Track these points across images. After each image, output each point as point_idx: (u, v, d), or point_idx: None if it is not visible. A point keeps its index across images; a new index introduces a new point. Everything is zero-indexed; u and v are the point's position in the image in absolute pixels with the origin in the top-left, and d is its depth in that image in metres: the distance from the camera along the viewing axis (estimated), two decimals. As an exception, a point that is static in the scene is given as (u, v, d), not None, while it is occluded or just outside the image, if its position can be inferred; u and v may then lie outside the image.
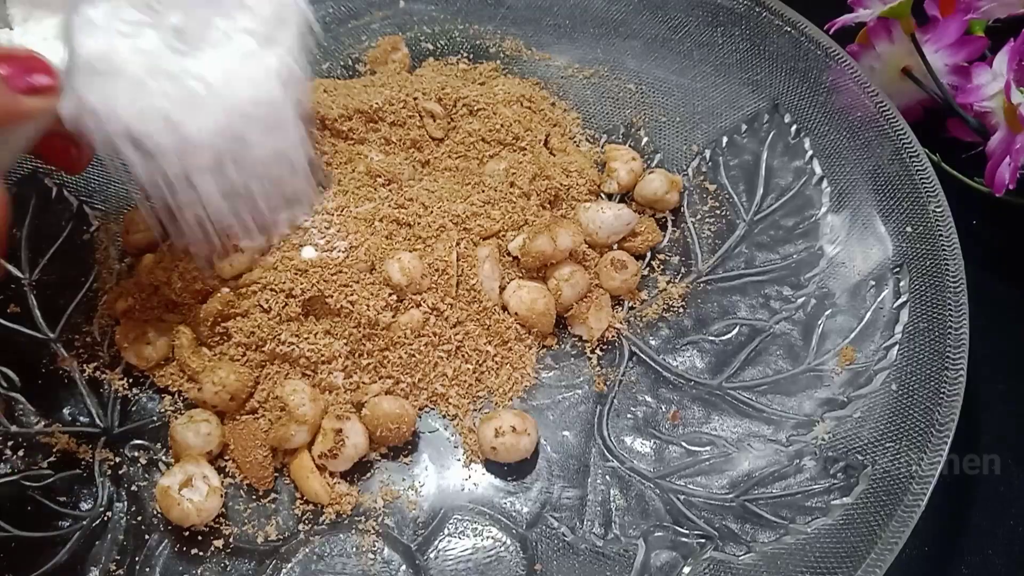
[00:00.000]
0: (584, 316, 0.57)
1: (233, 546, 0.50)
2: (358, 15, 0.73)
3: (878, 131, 0.59)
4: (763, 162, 0.62)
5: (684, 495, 0.50)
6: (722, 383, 0.55)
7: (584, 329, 0.57)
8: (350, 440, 0.51)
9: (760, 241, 0.60)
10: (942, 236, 0.54)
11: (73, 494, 0.52)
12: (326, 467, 0.51)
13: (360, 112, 0.63)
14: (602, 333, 0.57)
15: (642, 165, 0.63)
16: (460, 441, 0.54)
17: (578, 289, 0.57)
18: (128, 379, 0.56)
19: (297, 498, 0.52)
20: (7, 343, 0.57)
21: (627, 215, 0.59)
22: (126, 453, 0.54)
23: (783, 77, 0.64)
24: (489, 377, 0.55)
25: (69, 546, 0.50)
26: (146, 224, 0.60)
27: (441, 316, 0.55)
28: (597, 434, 0.54)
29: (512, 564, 0.49)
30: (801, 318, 0.56)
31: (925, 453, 0.47)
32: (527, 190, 0.59)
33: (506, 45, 0.71)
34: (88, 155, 0.52)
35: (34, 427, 0.54)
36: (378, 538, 0.50)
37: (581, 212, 0.59)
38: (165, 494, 0.49)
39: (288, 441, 0.51)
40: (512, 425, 0.51)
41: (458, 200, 0.58)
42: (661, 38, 0.68)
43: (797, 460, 0.50)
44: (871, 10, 0.62)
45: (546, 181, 0.60)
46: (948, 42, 0.62)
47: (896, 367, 0.51)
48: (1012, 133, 0.57)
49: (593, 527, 0.50)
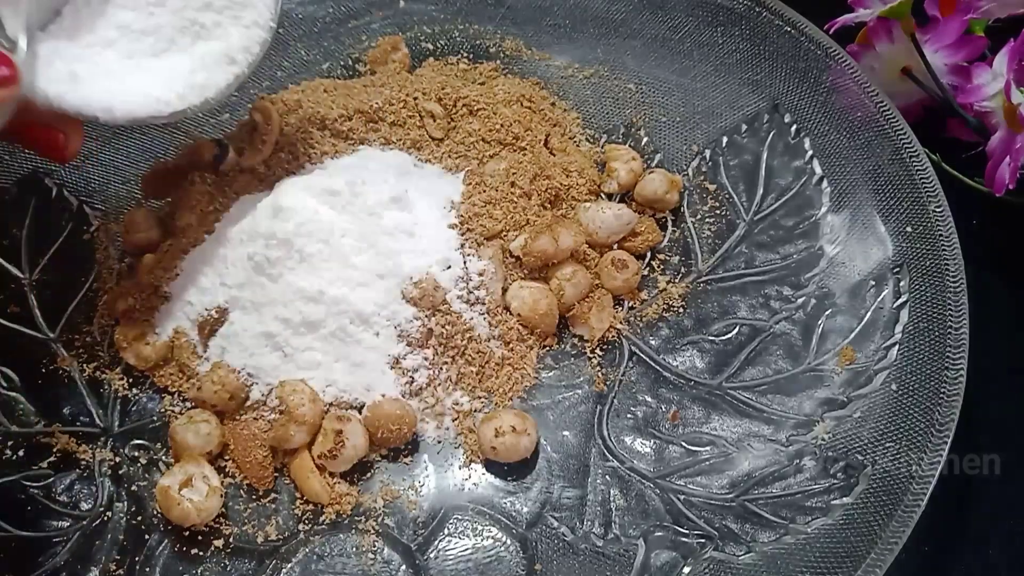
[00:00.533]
0: (586, 316, 0.57)
1: (233, 546, 0.50)
2: (358, 15, 0.73)
3: (878, 131, 0.59)
4: (763, 162, 0.62)
5: (684, 495, 0.50)
6: (722, 383, 0.55)
7: (586, 329, 0.57)
8: (350, 441, 0.51)
9: (760, 241, 0.60)
10: (942, 236, 0.54)
11: (73, 494, 0.52)
12: (326, 467, 0.51)
13: (360, 112, 0.63)
14: (603, 333, 0.57)
15: (642, 165, 0.63)
16: (460, 441, 0.54)
17: (580, 289, 0.57)
18: (128, 379, 0.56)
19: (297, 498, 0.52)
20: (7, 343, 0.57)
21: (627, 215, 0.59)
22: (126, 453, 0.54)
23: (783, 77, 0.64)
24: (490, 377, 0.55)
25: (69, 546, 0.50)
26: (146, 224, 0.60)
27: (452, 319, 0.55)
28: (597, 434, 0.54)
29: (512, 564, 0.49)
30: (801, 318, 0.56)
31: (925, 453, 0.47)
32: (528, 190, 0.59)
33: (506, 45, 0.71)
34: (76, 142, 0.51)
35: (34, 427, 0.54)
36: (378, 538, 0.50)
37: (581, 212, 0.59)
38: (165, 494, 0.49)
39: (288, 441, 0.51)
40: (512, 425, 0.51)
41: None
42: (661, 38, 0.68)
43: (797, 460, 0.50)
44: (871, 10, 0.62)
45: (546, 181, 0.60)
46: (948, 42, 0.62)
47: (896, 367, 0.51)
48: (1012, 133, 0.57)
49: (593, 527, 0.50)
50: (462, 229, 0.57)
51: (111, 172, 0.64)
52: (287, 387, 0.52)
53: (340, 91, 0.65)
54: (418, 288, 0.54)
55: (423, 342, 0.54)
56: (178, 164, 0.62)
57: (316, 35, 0.71)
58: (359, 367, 0.53)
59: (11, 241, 0.61)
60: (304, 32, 0.71)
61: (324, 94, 0.64)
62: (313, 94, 0.65)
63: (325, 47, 0.71)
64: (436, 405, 0.54)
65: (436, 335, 0.54)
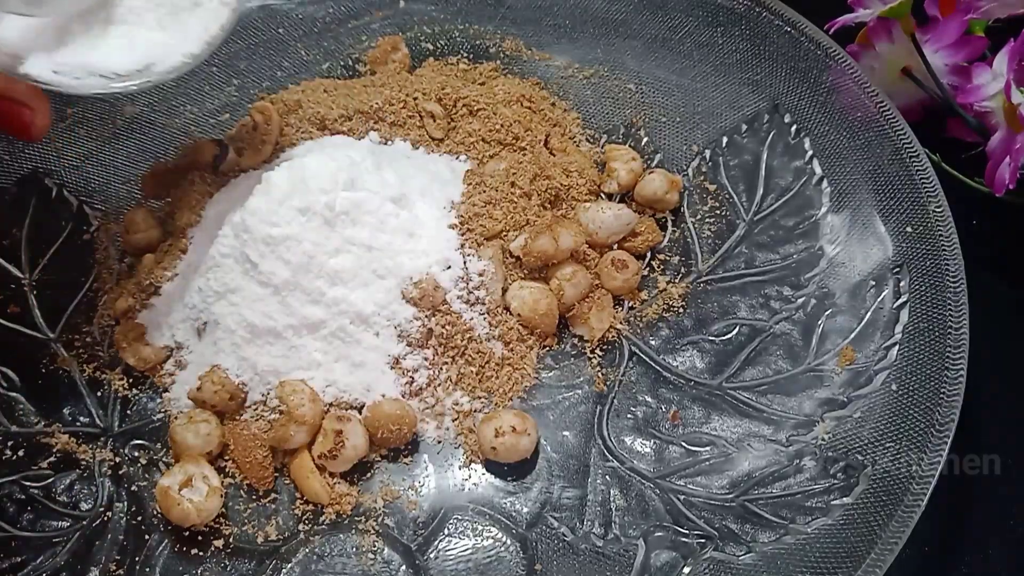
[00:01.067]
0: (586, 316, 0.57)
1: (233, 546, 0.50)
2: (358, 15, 0.73)
3: (878, 131, 0.59)
4: (763, 162, 0.62)
5: (684, 495, 0.50)
6: (722, 383, 0.55)
7: (586, 329, 0.57)
8: (350, 441, 0.51)
9: (760, 241, 0.59)
10: (942, 236, 0.54)
11: (73, 494, 0.52)
12: (326, 467, 0.51)
13: (360, 112, 0.63)
14: (603, 333, 0.57)
15: (642, 165, 0.63)
16: (460, 441, 0.54)
17: (580, 289, 0.57)
18: (128, 379, 0.56)
19: (297, 498, 0.52)
20: (7, 343, 0.57)
21: (627, 215, 0.59)
22: (126, 453, 0.54)
23: (783, 77, 0.64)
24: (490, 378, 0.55)
25: (69, 546, 0.50)
26: (146, 224, 0.60)
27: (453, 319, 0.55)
28: (597, 434, 0.54)
29: (512, 564, 0.49)
30: (801, 318, 0.56)
31: (925, 453, 0.47)
32: (528, 190, 0.59)
33: (506, 45, 0.71)
34: (43, 120, 0.50)
35: (34, 427, 0.54)
36: (378, 538, 0.50)
37: (581, 212, 0.59)
38: (165, 494, 0.49)
39: (288, 441, 0.51)
40: (512, 425, 0.51)
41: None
42: (661, 38, 0.68)
43: (797, 460, 0.50)
44: (871, 10, 0.62)
45: (546, 181, 0.60)
46: (948, 42, 0.62)
47: (896, 367, 0.51)
48: (1012, 133, 0.57)
49: (593, 527, 0.50)
50: (462, 229, 0.57)
51: (111, 172, 0.64)
52: (287, 387, 0.52)
53: (340, 91, 0.65)
54: (418, 288, 0.54)
55: (423, 342, 0.54)
56: (178, 164, 0.62)
57: (316, 35, 0.71)
58: (359, 367, 0.53)
59: (11, 241, 0.61)
60: (304, 32, 0.71)
61: (324, 94, 0.64)
62: (313, 94, 0.65)
63: (325, 47, 0.71)
64: (436, 405, 0.54)
65: (436, 335, 0.54)
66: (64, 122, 0.65)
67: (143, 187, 0.62)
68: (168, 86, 0.68)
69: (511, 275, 0.58)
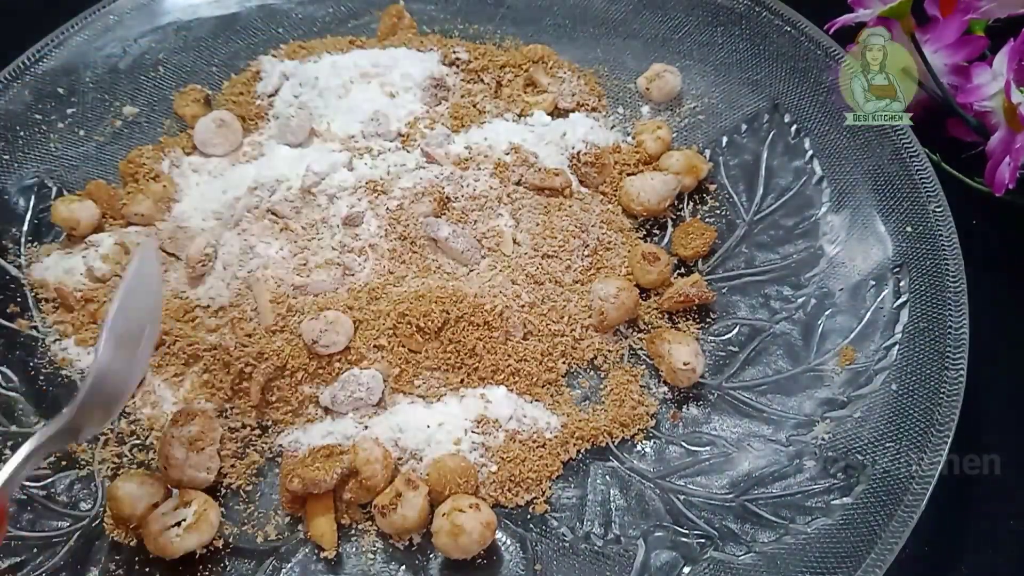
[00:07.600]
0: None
1: (233, 546, 0.50)
2: (358, 15, 0.73)
3: (878, 131, 0.59)
4: (763, 162, 0.62)
5: (684, 495, 0.50)
6: (722, 383, 0.55)
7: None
8: (400, 510, 0.48)
9: (760, 241, 0.60)
10: (942, 236, 0.54)
11: (73, 494, 0.52)
12: (378, 515, 0.49)
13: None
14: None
15: (669, 133, 0.64)
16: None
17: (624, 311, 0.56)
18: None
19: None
20: (7, 343, 0.57)
21: (672, 179, 0.60)
22: (126, 453, 0.54)
23: (783, 77, 0.64)
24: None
25: (69, 546, 0.50)
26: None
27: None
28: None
29: (512, 564, 0.49)
30: (801, 318, 0.56)
31: (925, 453, 0.47)
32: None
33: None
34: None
35: (34, 427, 0.54)
36: (378, 538, 0.50)
37: (627, 185, 0.60)
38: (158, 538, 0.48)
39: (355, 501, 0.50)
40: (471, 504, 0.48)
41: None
42: (661, 38, 0.68)
43: (797, 460, 0.50)
44: (871, 10, 0.62)
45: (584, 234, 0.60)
46: (948, 42, 0.62)
47: (896, 367, 0.51)
48: (1012, 133, 0.57)
49: (593, 527, 0.50)
50: None
51: (111, 172, 0.64)
52: (361, 453, 0.50)
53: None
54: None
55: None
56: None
57: (316, 35, 0.71)
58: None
59: (11, 241, 0.61)
60: (304, 32, 0.72)
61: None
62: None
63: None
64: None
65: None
66: (64, 122, 0.65)
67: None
68: (168, 86, 0.68)
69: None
